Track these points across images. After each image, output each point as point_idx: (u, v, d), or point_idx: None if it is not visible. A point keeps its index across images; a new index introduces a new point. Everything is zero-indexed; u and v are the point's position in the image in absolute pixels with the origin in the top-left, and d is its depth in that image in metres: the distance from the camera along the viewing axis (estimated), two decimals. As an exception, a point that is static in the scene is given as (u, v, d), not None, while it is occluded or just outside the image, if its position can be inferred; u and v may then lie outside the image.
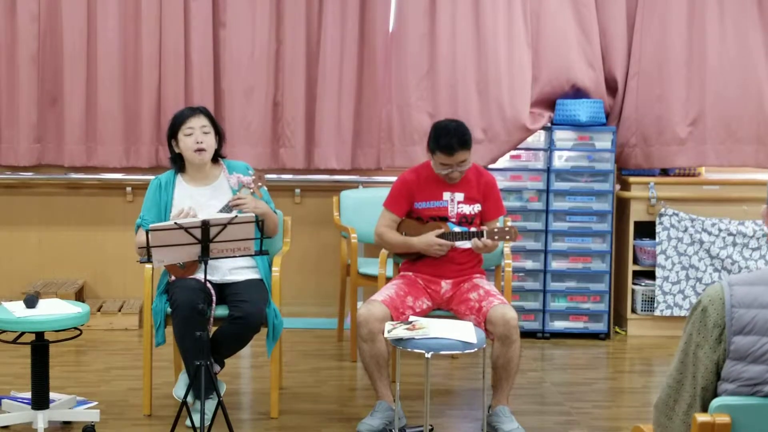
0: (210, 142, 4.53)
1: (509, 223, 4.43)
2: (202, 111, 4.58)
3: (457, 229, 4.52)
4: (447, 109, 6.24)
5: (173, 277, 4.45)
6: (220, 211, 4.37)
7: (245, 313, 4.31)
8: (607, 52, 6.36)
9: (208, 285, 4.22)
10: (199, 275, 4.32)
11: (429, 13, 6.30)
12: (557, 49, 6.30)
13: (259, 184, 4.47)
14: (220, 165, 4.65)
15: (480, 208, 4.63)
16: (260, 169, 4.55)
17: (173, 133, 4.54)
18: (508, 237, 4.39)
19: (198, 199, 4.53)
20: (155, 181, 4.63)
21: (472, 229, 4.51)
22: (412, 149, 6.34)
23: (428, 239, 4.52)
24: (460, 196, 4.61)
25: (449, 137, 4.44)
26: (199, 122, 4.51)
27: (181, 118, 4.53)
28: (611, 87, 6.39)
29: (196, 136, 4.49)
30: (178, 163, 4.60)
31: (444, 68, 6.29)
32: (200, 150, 4.49)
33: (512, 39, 6.27)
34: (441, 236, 4.50)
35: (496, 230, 4.39)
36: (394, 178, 6.23)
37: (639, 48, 6.32)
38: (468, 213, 4.60)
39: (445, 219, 4.59)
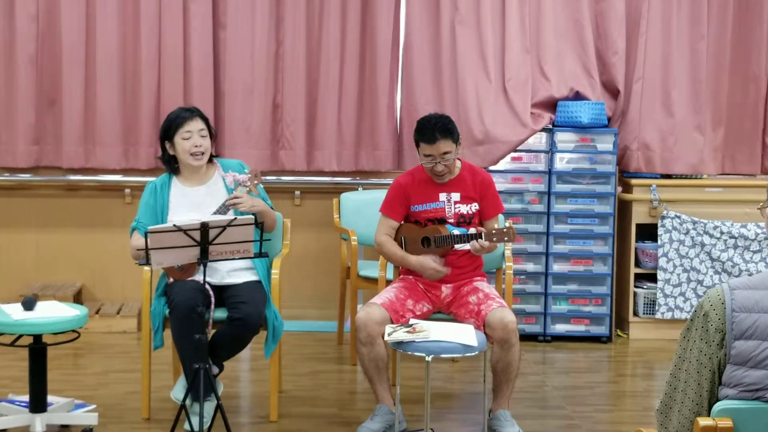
0: (207, 145, 4.52)
1: (507, 224, 4.39)
2: (197, 113, 4.55)
3: (456, 231, 4.49)
4: (449, 110, 6.23)
5: (172, 279, 4.43)
6: (217, 211, 4.35)
7: (244, 315, 4.28)
8: (607, 56, 6.34)
9: (207, 287, 4.20)
10: (198, 277, 4.30)
11: (434, 20, 6.31)
12: (555, 56, 6.33)
13: (255, 181, 4.44)
14: (213, 164, 4.63)
15: (477, 207, 4.59)
16: (256, 170, 4.54)
17: (168, 135, 4.51)
18: (506, 238, 4.34)
19: (193, 199, 4.51)
20: (150, 184, 4.61)
21: (471, 230, 4.47)
22: (406, 151, 6.38)
23: (425, 262, 4.49)
24: (456, 196, 4.57)
25: (431, 126, 4.46)
26: (196, 126, 4.48)
27: (177, 120, 4.49)
28: (612, 90, 6.38)
29: (194, 140, 4.46)
30: (172, 165, 4.57)
31: (446, 72, 6.30)
32: (198, 154, 4.47)
33: (512, 44, 6.28)
34: (438, 240, 4.47)
35: (494, 231, 4.35)
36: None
37: (643, 53, 6.31)
38: (466, 213, 4.57)
39: (443, 221, 4.55)
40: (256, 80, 6.31)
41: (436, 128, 4.44)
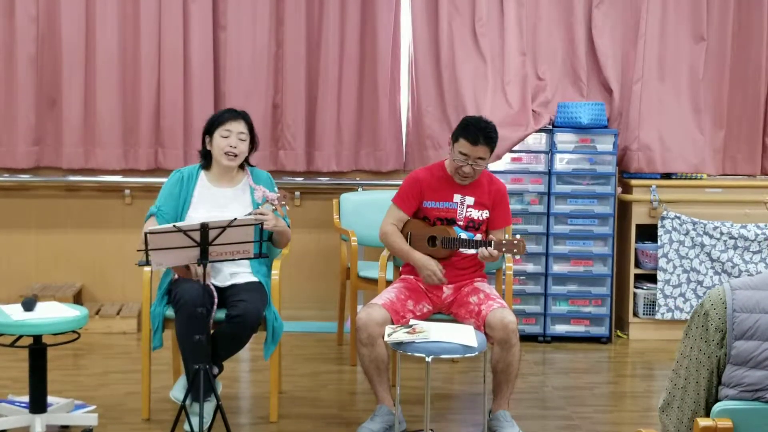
0: (243, 150, 4.53)
1: (518, 236, 4.38)
2: (243, 116, 4.57)
3: (463, 234, 4.49)
4: (449, 110, 6.27)
5: (177, 276, 4.43)
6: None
7: (242, 312, 4.26)
8: (603, 58, 6.34)
9: (211, 287, 4.20)
10: (203, 277, 4.31)
11: (433, 22, 6.32)
12: (552, 58, 6.35)
13: (283, 202, 4.45)
14: (245, 171, 4.65)
15: (488, 215, 4.60)
16: (286, 194, 4.57)
17: (210, 130, 4.54)
18: (515, 250, 4.33)
19: (218, 200, 4.52)
20: (177, 173, 4.62)
21: (477, 236, 4.47)
22: (411, 152, 6.39)
23: (427, 263, 4.48)
24: (470, 200, 4.57)
25: (478, 127, 4.46)
26: (238, 127, 4.51)
27: (221, 118, 4.54)
28: (610, 92, 6.38)
29: (231, 140, 4.49)
30: (206, 159, 4.60)
31: (446, 72, 6.30)
32: (231, 155, 4.49)
33: (510, 47, 6.29)
34: (446, 241, 4.46)
35: (504, 242, 4.33)
36: (394, 182, 6.27)
37: (642, 53, 6.31)
38: (476, 218, 4.57)
39: (452, 222, 4.55)
40: (256, 81, 6.31)
41: (482, 132, 4.44)
